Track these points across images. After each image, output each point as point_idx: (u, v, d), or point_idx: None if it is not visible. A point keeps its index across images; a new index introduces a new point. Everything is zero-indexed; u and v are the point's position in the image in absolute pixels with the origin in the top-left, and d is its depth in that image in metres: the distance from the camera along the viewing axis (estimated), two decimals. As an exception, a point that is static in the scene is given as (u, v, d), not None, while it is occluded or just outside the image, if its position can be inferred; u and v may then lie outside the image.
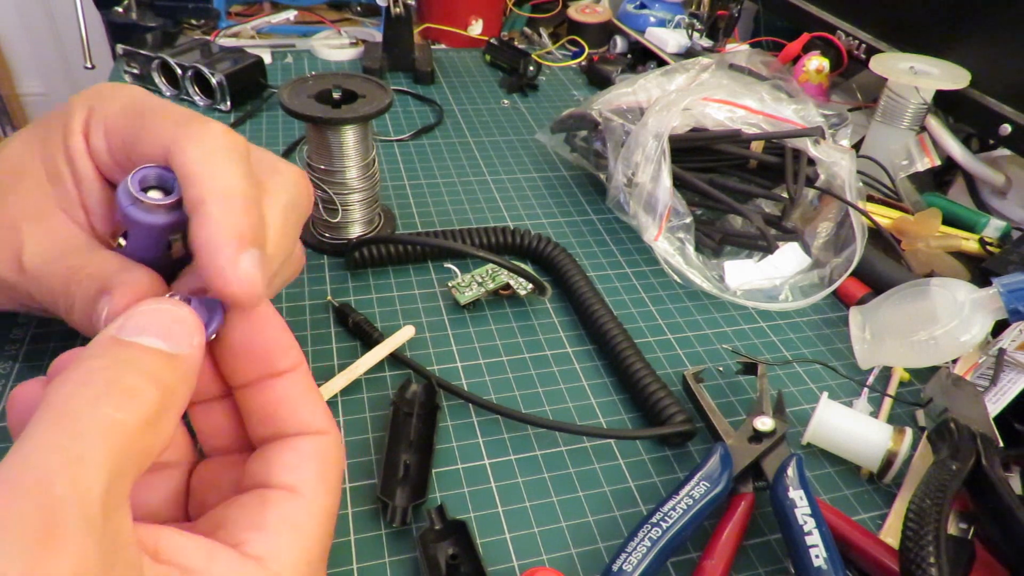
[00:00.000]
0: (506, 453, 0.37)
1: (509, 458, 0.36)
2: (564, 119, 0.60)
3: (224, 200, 0.23)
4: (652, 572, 0.29)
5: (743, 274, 0.50)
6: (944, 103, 0.61)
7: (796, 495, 0.31)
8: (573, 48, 0.91)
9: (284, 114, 0.58)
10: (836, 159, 0.50)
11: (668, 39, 0.82)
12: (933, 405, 0.38)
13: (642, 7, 0.88)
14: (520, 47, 0.85)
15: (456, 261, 0.49)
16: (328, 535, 0.24)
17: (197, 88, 0.68)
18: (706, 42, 0.80)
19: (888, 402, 0.41)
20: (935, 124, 0.61)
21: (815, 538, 0.29)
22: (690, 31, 0.82)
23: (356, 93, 0.45)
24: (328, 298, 0.45)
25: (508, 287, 0.45)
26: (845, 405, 0.39)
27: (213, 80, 0.66)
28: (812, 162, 0.51)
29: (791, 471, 0.32)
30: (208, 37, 0.80)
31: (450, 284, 0.45)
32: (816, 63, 0.70)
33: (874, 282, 0.49)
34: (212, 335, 0.23)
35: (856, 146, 0.63)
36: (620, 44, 0.89)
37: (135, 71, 0.70)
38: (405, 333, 0.41)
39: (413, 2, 0.77)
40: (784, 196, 0.50)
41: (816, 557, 0.29)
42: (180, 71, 0.67)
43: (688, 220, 0.48)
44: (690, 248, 0.49)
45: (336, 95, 0.45)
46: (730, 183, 0.51)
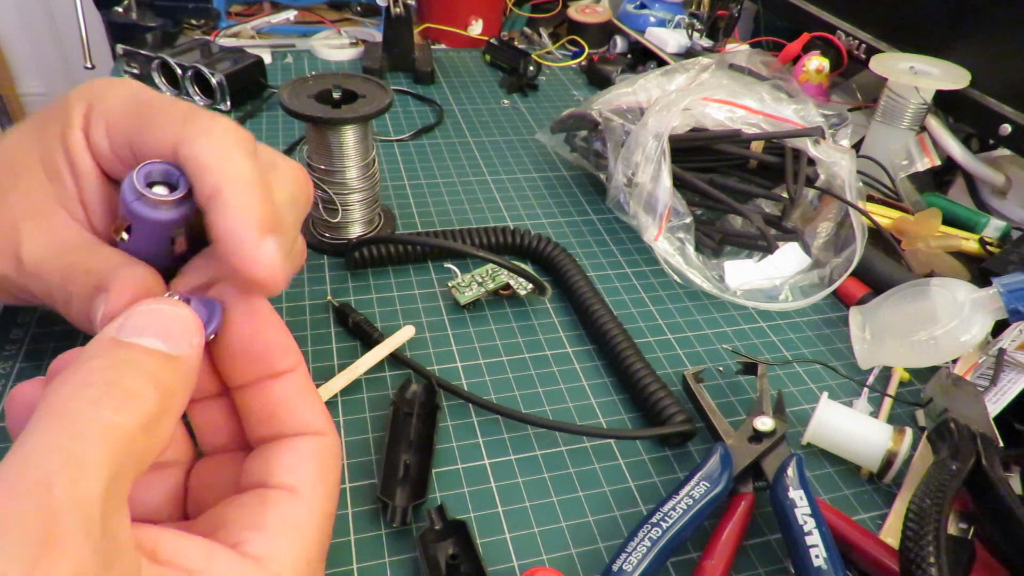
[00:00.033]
0: (506, 453, 0.37)
1: (509, 458, 0.36)
2: (564, 119, 0.60)
3: (243, 188, 0.23)
4: (652, 572, 0.29)
5: (743, 274, 0.50)
6: (944, 103, 0.61)
7: (796, 495, 0.31)
8: (573, 48, 0.91)
9: (284, 114, 0.58)
10: (836, 159, 0.50)
11: (668, 39, 0.82)
12: (933, 405, 0.38)
13: (642, 7, 0.88)
14: (520, 47, 0.85)
15: (456, 261, 0.49)
16: (327, 535, 0.24)
17: (197, 88, 0.68)
18: (706, 42, 0.80)
19: (888, 402, 0.41)
20: (935, 124, 0.61)
21: (815, 538, 0.29)
22: (690, 31, 0.82)
23: (356, 93, 0.45)
24: (328, 298, 0.45)
25: (508, 287, 0.45)
26: (845, 405, 0.39)
27: (213, 80, 0.66)
28: (812, 162, 0.51)
29: (791, 471, 0.32)
30: (208, 37, 0.80)
31: (450, 284, 0.45)
32: (816, 63, 0.70)
33: (874, 282, 0.49)
34: (211, 335, 0.23)
35: (856, 146, 0.63)
36: (620, 44, 0.89)
37: (135, 71, 0.70)
38: (405, 333, 0.41)
39: (413, 2, 0.77)
40: (784, 196, 0.50)
41: (816, 557, 0.29)
42: (180, 71, 0.67)
43: (688, 220, 0.48)
44: (690, 248, 0.49)
45: (336, 95, 0.45)
46: (730, 183, 0.51)
